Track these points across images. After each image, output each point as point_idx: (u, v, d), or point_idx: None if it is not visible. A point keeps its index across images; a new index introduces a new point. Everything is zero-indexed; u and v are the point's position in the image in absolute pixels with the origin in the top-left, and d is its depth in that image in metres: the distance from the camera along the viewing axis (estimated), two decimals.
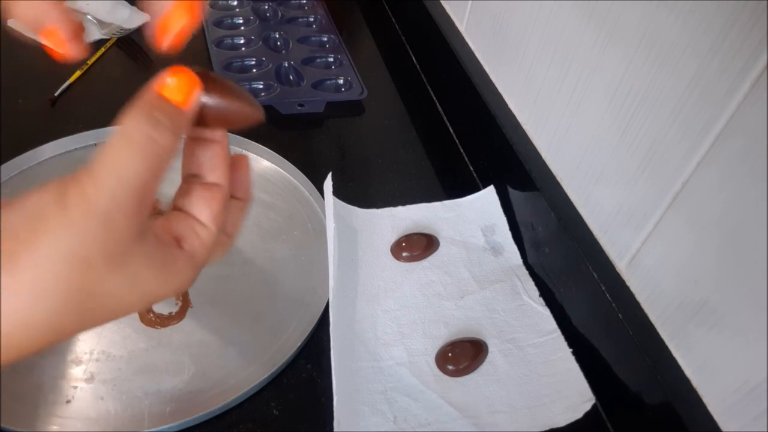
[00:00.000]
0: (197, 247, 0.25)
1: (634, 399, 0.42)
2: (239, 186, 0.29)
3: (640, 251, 0.43)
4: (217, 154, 0.26)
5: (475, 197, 0.60)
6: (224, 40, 0.78)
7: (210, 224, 0.25)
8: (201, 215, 0.25)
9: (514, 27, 0.58)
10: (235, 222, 0.29)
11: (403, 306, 0.50)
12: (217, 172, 0.26)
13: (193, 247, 0.25)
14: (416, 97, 0.77)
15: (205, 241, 0.25)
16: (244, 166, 0.29)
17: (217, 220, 0.26)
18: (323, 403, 0.43)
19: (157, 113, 0.23)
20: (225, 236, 0.28)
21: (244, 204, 0.29)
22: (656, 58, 0.40)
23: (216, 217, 0.26)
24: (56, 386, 0.42)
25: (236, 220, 0.29)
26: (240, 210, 0.29)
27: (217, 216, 0.26)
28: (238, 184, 0.29)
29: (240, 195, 0.29)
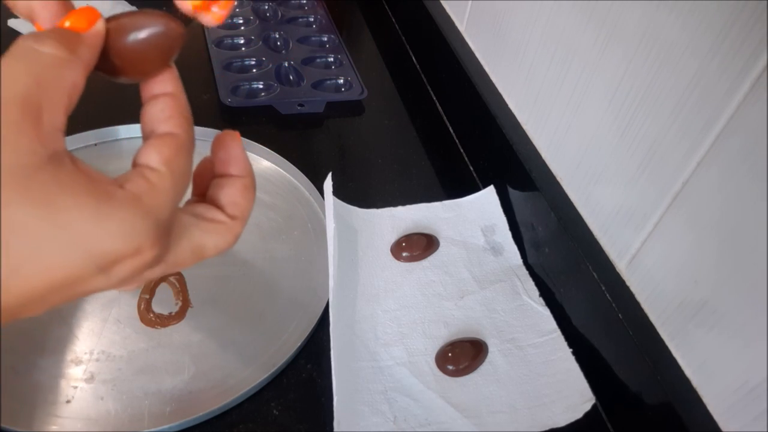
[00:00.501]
0: (143, 188, 0.22)
1: (634, 399, 0.42)
2: (234, 161, 0.27)
3: (640, 251, 0.43)
4: (167, 105, 0.24)
5: (475, 197, 0.60)
6: (224, 40, 0.78)
7: (160, 167, 0.22)
8: (150, 160, 0.22)
9: (514, 27, 0.58)
10: (239, 201, 0.26)
11: (403, 306, 0.50)
12: (169, 123, 0.24)
13: (138, 186, 0.21)
14: (416, 97, 0.77)
15: (154, 183, 0.22)
16: (234, 140, 0.27)
17: (171, 164, 0.23)
18: (323, 403, 0.43)
19: (43, 33, 0.21)
20: (229, 219, 0.26)
21: (244, 180, 0.27)
22: (656, 58, 0.40)
23: (169, 161, 0.23)
24: (56, 386, 0.42)
25: (240, 199, 0.26)
26: (242, 188, 0.26)
27: (170, 160, 0.23)
28: (232, 161, 0.27)
29: (237, 171, 0.27)
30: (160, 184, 0.22)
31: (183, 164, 0.23)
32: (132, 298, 0.47)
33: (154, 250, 0.22)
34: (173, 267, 0.24)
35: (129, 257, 0.21)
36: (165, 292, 0.48)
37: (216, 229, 0.25)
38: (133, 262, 0.21)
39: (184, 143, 0.24)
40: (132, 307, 0.47)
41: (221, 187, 0.26)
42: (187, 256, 0.24)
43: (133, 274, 0.22)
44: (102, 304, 0.47)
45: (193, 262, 0.25)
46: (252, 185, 0.27)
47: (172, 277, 0.49)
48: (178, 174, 0.23)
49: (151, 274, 0.24)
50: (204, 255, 0.25)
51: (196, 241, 0.25)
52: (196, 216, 0.25)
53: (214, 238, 0.25)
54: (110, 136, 0.59)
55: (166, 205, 0.22)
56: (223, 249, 0.26)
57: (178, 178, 0.23)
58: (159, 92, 0.25)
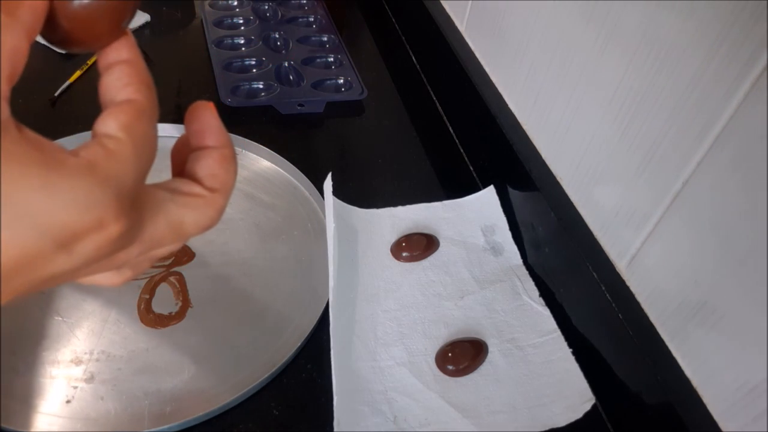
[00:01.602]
0: (99, 155, 0.20)
1: (634, 399, 0.42)
2: (209, 132, 0.25)
3: (640, 251, 0.43)
4: (123, 72, 0.23)
5: (475, 197, 0.60)
6: (224, 40, 0.78)
7: (118, 133, 0.21)
8: (107, 127, 0.21)
9: (514, 27, 0.58)
10: (217, 173, 0.24)
11: (403, 306, 0.50)
12: (127, 89, 0.22)
13: (92, 153, 0.20)
14: (416, 97, 0.77)
15: (111, 150, 0.20)
16: (207, 110, 0.25)
17: (130, 130, 0.21)
18: (323, 403, 0.43)
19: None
20: (208, 191, 0.24)
21: (222, 151, 0.25)
22: (656, 58, 0.40)
23: (127, 126, 0.21)
24: (56, 386, 0.42)
25: (219, 170, 0.25)
26: (220, 159, 0.25)
27: (129, 126, 0.21)
28: (207, 131, 0.25)
29: (212, 142, 0.25)
30: (118, 150, 0.20)
31: (144, 130, 0.21)
32: (132, 298, 0.47)
33: (119, 224, 0.20)
34: (151, 246, 0.23)
35: (91, 232, 0.19)
36: (165, 292, 0.48)
37: (194, 204, 0.24)
38: (96, 238, 0.20)
39: (145, 109, 0.22)
40: (132, 307, 0.47)
41: (198, 159, 0.25)
42: (166, 233, 0.23)
43: (100, 251, 0.20)
44: (102, 304, 0.47)
45: (175, 241, 0.23)
46: (231, 156, 0.25)
47: (172, 277, 0.49)
48: (139, 140, 0.21)
49: (126, 254, 0.22)
50: (184, 232, 0.23)
51: (174, 216, 0.23)
52: (172, 191, 0.23)
53: (193, 213, 0.23)
54: None
55: (127, 173, 0.20)
56: (206, 225, 0.24)
57: (139, 145, 0.21)
58: (114, 60, 0.23)
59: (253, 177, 0.60)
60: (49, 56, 0.71)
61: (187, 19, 0.84)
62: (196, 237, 0.24)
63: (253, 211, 0.56)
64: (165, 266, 0.50)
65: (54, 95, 0.64)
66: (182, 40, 0.80)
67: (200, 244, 0.52)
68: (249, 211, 0.56)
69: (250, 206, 0.57)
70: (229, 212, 0.56)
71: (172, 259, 0.51)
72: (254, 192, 0.58)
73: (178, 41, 0.80)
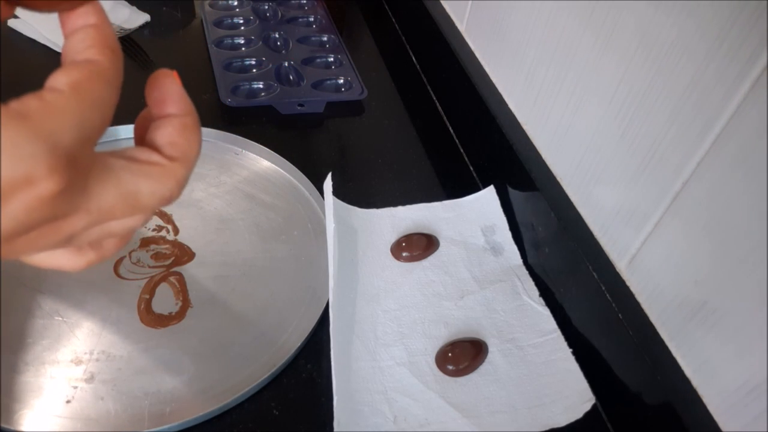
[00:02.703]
0: (33, 106, 0.18)
1: (634, 399, 0.42)
2: (171, 100, 0.23)
3: (640, 251, 0.43)
4: (87, 35, 0.21)
5: (475, 197, 0.60)
6: (224, 40, 0.78)
7: (63, 87, 0.19)
8: (55, 81, 0.20)
9: (514, 27, 0.58)
10: (177, 141, 0.23)
11: (403, 306, 0.50)
12: (89, 51, 0.21)
13: (26, 105, 0.18)
14: (416, 97, 0.77)
15: (48, 102, 0.19)
16: (168, 77, 0.24)
17: (79, 87, 0.20)
18: (323, 403, 0.43)
19: None
20: (167, 160, 0.23)
21: (184, 119, 0.23)
22: (656, 59, 0.40)
23: (77, 83, 0.20)
24: (56, 386, 0.42)
25: (179, 138, 0.23)
26: (180, 126, 0.23)
27: (79, 83, 0.20)
28: (168, 99, 0.23)
29: (173, 110, 0.23)
30: (57, 103, 0.19)
31: (97, 91, 0.20)
32: (132, 298, 0.47)
33: (51, 181, 0.18)
34: (101, 217, 0.21)
35: (18, 189, 0.18)
36: (165, 292, 0.48)
37: (151, 172, 0.22)
38: (25, 196, 0.18)
39: (104, 71, 0.21)
40: (132, 307, 0.47)
41: (158, 128, 0.23)
42: (117, 203, 0.21)
43: (32, 213, 0.19)
44: (102, 304, 0.47)
45: (130, 213, 0.22)
46: (194, 125, 0.24)
47: (172, 277, 0.49)
48: (86, 99, 0.20)
49: (71, 225, 0.21)
50: (140, 203, 0.22)
51: (127, 185, 0.21)
52: (127, 158, 0.22)
53: (150, 182, 0.22)
54: (110, 136, 0.59)
55: (65, 130, 0.19)
56: (165, 197, 0.23)
57: (85, 104, 0.19)
58: (81, 25, 0.22)
59: (253, 177, 0.60)
60: (49, 56, 0.71)
61: (187, 19, 0.84)
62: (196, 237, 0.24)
63: (253, 211, 0.56)
64: (165, 266, 0.50)
65: None
66: (182, 40, 0.80)
67: (200, 244, 0.52)
68: (249, 211, 0.56)
69: (250, 206, 0.57)
70: (229, 212, 0.56)
71: (172, 259, 0.51)
72: (254, 192, 0.58)
73: (178, 41, 0.80)
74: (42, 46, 0.72)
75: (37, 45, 0.72)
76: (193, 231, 0.53)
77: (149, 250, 0.51)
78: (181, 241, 0.52)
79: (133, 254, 0.51)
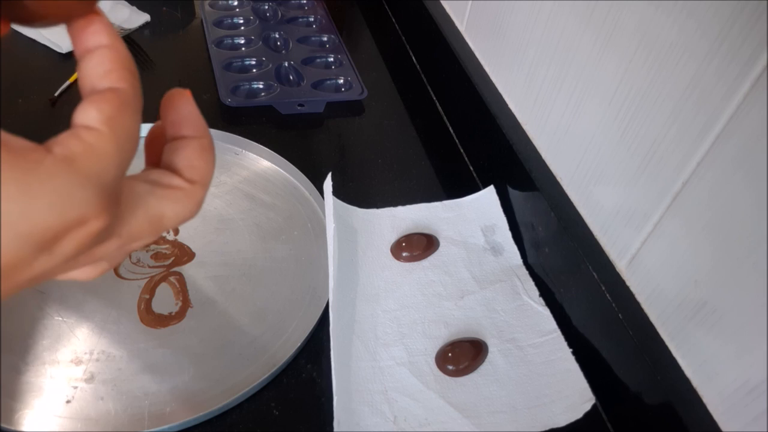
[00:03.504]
0: (78, 150, 0.19)
1: (634, 399, 0.42)
2: (187, 122, 0.24)
3: (640, 251, 0.43)
4: (105, 57, 0.21)
5: (475, 197, 0.60)
6: (224, 40, 0.78)
7: (99, 125, 0.20)
8: (88, 119, 0.20)
9: (514, 27, 0.58)
10: (196, 164, 0.24)
11: (403, 306, 0.50)
12: (110, 77, 0.21)
13: (70, 149, 0.19)
14: (416, 97, 0.77)
15: (90, 143, 0.19)
16: (184, 98, 0.24)
17: (113, 123, 0.20)
18: (323, 403, 0.43)
19: None
20: (188, 183, 0.23)
21: (201, 141, 0.24)
22: (656, 59, 0.40)
23: (111, 119, 0.20)
24: (56, 386, 0.42)
25: (198, 162, 0.24)
26: (199, 149, 0.24)
27: (112, 118, 0.20)
28: (184, 121, 0.24)
29: (190, 132, 0.24)
30: (99, 145, 0.19)
31: (128, 123, 0.20)
32: (132, 298, 0.47)
33: (101, 220, 0.19)
34: (130, 240, 0.22)
35: (72, 230, 0.19)
36: (165, 292, 0.48)
37: (174, 196, 0.23)
38: (77, 236, 0.19)
39: (129, 99, 0.21)
40: (132, 307, 0.47)
41: (175, 150, 0.24)
42: (145, 227, 0.22)
43: (80, 248, 0.20)
44: (102, 304, 0.47)
45: (152, 233, 0.23)
46: (210, 146, 0.24)
47: (172, 277, 0.49)
48: (122, 134, 0.20)
49: (105, 248, 0.21)
50: (163, 225, 0.23)
51: (153, 210, 0.22)
52: (151, 183, 0.23)
53: (173, 205, 0.23)
54: None
55: (108, 169, 0.19)
56: (185, 218, 0.23)
57: (122, 139, 0.20)
58: (94, 45, 0.21)
59: (253, 177, 0.60)
60: (49, 56, 0.71)
61: (187, 19, 0.84)
62: (196, 237, 0.24)
63: (253, 211, 0.56)
64: (165, 266, 0.50)
65: (54, 95, 0.64)
66: (182, 40, 0.80)
67: (200, 244, 0.52)
68: (249, 211, 0.56)
69: (250, 206, 0.57)
70: (229, 212, 0.56)
71: (172, 259, 0.51)
72: (254, 192, 0.58)
73: (178, 41, 0.80)
74: (42, 46, 0.72)
75: (37, 45, 0.72)
76: (193, 231, 0.53)
77: (149, 250, 0.51)
78: (181, 241, 0.52)
79: (133, 254, 0.51)
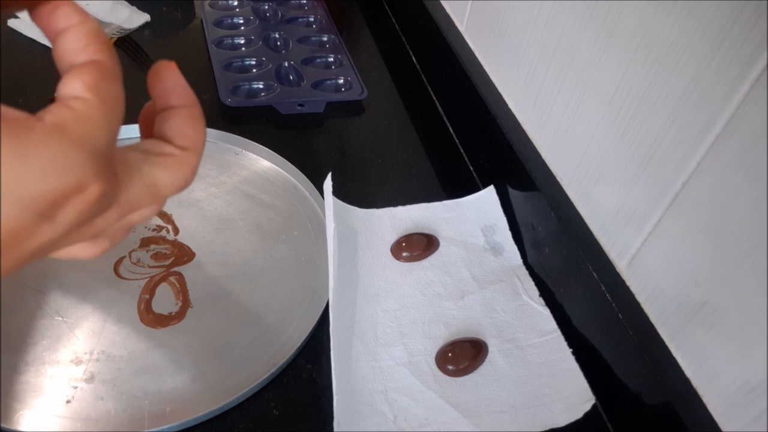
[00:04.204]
0: (67, 116, 0.19)
1: (634, 399, 0.42)
2: (174, 92, 0.24)
3: (640, 251, 0.43)
4: (79, 33, 0.22)
5: (475, 197, 0.60)
6: (224, 40, 0.78)
7: (85, 93, 0.20)
8: (72, 89, 0.20)
9: (514, 27, 0.58)
10: (187, 132, 0.24)
11: (403, 306, 0.50)
12: (87, 51, 0.21)
13: (60, 116, 0.19)
14: (416, 97, 0.77)
15: (79, 110, 0.19)
16: (170, 70, 0.24)
17: (97, 89, 0.20)
18: (323, 403, 0.43)
19: None
20: (180, 150, 0.24)
21: (190, 110, 0.25)
22: (656, 59, 0.40)
23: (94, 86, 0.20)
24: (56, 386, 0.42)
25: (188, 129, 0.24)
26: (188, 117, 0.24)
27: (95, 85, 0.20)
28: (171, 91, 0.24)
29: (178, 101, 0.24)
30: (87, 111, 0.20)
31: (112, 90, 0.21)
32: (132, 298, 0.47)
33: (99, 185, 0.20)
34: (129, 209, 0.23)
35: (72, 196, 0.19)
36: (165, 292, 0.48)
37: (168, 163, 0.23)
38: (78, 203, 0.19)
39: (110, 68, 0.21)
40: (132, 307, 0.47)
41: (165, 120, 0.24)
42: (143, 195, 0.23)
43: (81, 216, 0.20)
44: (102, 304, 0.47)
45: (151, 202, 0.23)
46: (199, 114, 0.25)
47: (172, 277, 0.49)
48: (107, 99, 0.20)
49: (105, 219, 0.22)
50: (160, 193, 0.23)
51: (149, 177, 0.23)
52: (144, 151, 0.23)
53: (168, 172, 0.23)
54: None
55: (100, 134, 0.20)
56: (180, 185, 0.24)
57: (108, 104, 0.20)
58: (65, 25, 0.22)
59: (253, 177, 0.60)
60: (49, 56, 0.71)
61: (187, 19, 0.84)
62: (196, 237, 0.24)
63: (253, 211, 0.56)
64: (165, 266, 0.50)
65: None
66: (182, 40, 0.80)
67: (200, 244, 0.52)
68: (249, 211, 0.56)
69: (250, 206, 0.57)
70: (229, 212, 0.56)
71: (172, 259, 0.51)
72: (254, 192, 0.58)
73: (178, 41, 0.80)
74: (42, 46, 0.72)
75: (37, 45, 0.72)
76: (193, 231, 0.53)
77: (149, 250, 0.51)
78: (181, 241, 0.52)
79: (133, 254, 0.51)
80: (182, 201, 0.56)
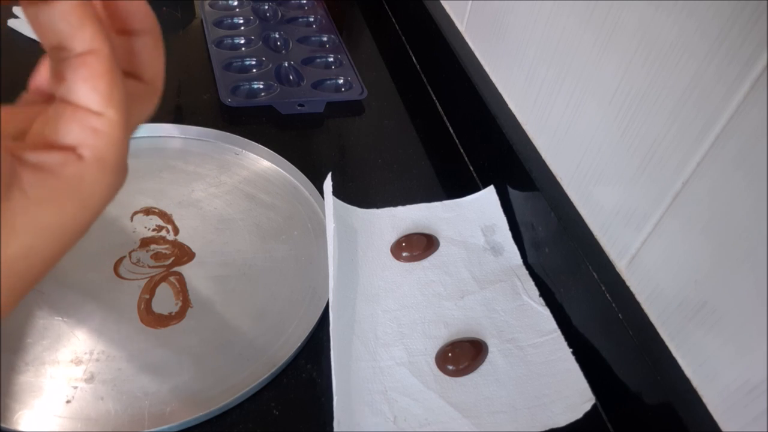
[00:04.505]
0: (101, 145, 0.19)
1: (634, 399, 0.42)
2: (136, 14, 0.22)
3: (640, 251, 0.43)
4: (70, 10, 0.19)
5: (475, 197, 0.60)
6: (224, 40, 0.78)
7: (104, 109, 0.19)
8: (86, 99, 0.19)
9: (514, 27, 0.58)
10: (147, 61, 0.23)
11: (403, 306, 0.50)
12: (83, 35, 0.19)
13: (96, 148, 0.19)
14: (416, 97, 0.77)
15: (108, 134, 0.19)
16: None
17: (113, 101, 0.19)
18: (323, 403, 0.43)
19: None
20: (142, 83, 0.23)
21: (149, 38, 0.23)
22: (656, 59, 0.40)
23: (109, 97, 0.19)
24: (56, 386, 0.42)
25: (148, 59, 0.23)
26: (149, 46, 0.23)
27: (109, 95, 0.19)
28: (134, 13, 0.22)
29: (137, 25, 0.22)
30: (114, 133, 0.19)
31: (122, 93, 0.20)
32: (132, 298, 0.47)
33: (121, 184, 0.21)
34: None
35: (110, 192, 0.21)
36: (165, 292, 0.48)
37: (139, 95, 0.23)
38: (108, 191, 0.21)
39: (111, 60, 0.19)
40: (132, 307, 0.47)
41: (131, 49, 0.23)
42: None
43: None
44: (102, 304, 0.47)
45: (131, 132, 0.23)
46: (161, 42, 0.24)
47: (172, 277, 0.49)
48: (124, 110, 0.20)
49: None
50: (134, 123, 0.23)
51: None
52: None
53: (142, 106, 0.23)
54: None
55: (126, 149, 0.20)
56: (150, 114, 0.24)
57: (125, 114, 0.20)
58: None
59: (253, 177, 0.60)
60: None
61: (187, 19, 0.84)
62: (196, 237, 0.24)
63: (253, 211, 0.56)
64: (165, 266, 0.50)
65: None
66: (182, 40, 0.80)
67: (200, 244, 0.52)
68: (249, 211, 0.56)
69: (250, 206, 0.57)
70: (229, 212, 0.56)
71: (172, 259, 0.51)
72: (254, 192, 0.58)
73: (178, 41, 0.80)
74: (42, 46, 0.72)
75: (37, 45, 0.72)
76: (193, 231, 0.53)
77: (149, 250, 0.51)
78: (181, 241, 0.52)
79: (133, 254, 0.51)
80: (182, 201, 0.56)
